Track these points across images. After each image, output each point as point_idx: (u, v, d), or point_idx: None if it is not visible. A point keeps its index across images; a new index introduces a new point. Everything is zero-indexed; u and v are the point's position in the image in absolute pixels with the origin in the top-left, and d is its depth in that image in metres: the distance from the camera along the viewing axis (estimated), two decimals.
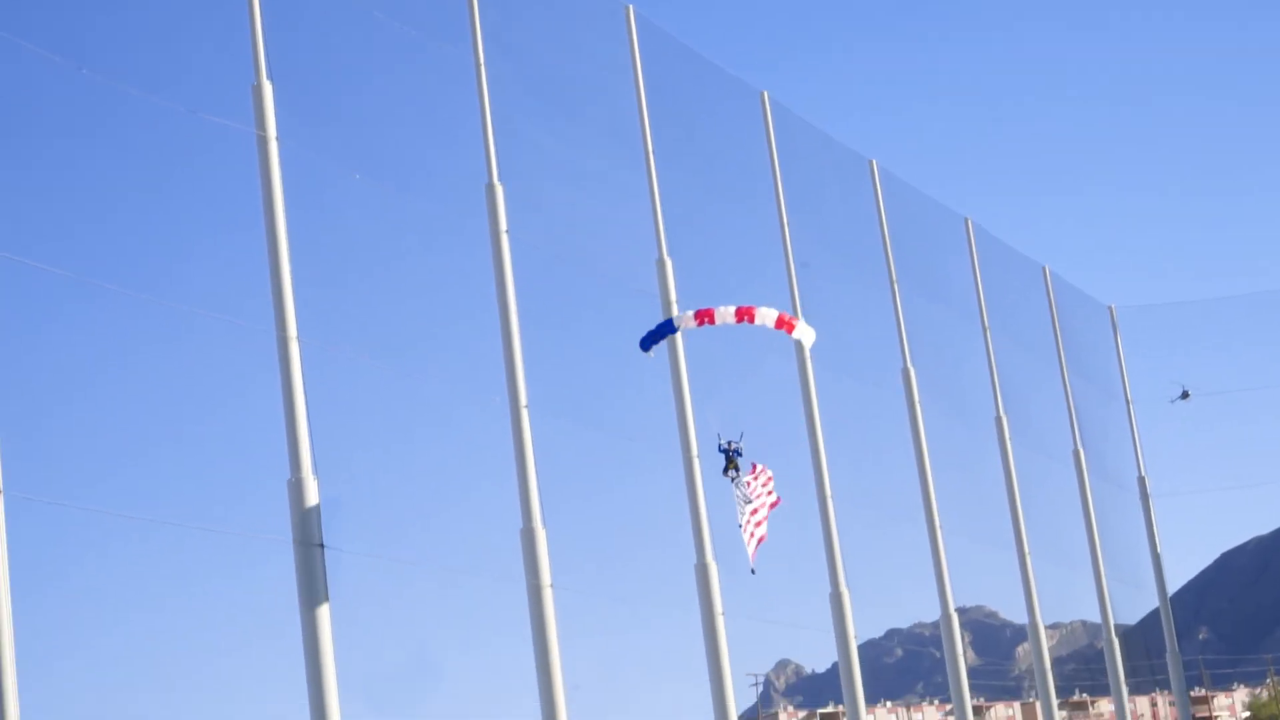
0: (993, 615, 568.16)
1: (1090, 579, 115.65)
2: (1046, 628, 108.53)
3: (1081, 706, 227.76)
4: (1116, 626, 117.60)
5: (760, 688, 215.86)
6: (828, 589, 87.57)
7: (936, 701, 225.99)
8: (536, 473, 72.79)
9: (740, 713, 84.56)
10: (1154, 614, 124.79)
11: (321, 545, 60.01)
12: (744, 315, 37.17)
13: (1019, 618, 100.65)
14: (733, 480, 41.01)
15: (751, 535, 40.65)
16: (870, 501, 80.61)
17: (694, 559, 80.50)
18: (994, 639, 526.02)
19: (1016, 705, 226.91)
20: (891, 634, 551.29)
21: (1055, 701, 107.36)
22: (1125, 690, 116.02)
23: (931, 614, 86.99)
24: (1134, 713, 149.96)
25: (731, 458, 41.00)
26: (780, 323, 37.17)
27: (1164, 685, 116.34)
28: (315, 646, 58.55)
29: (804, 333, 38.25)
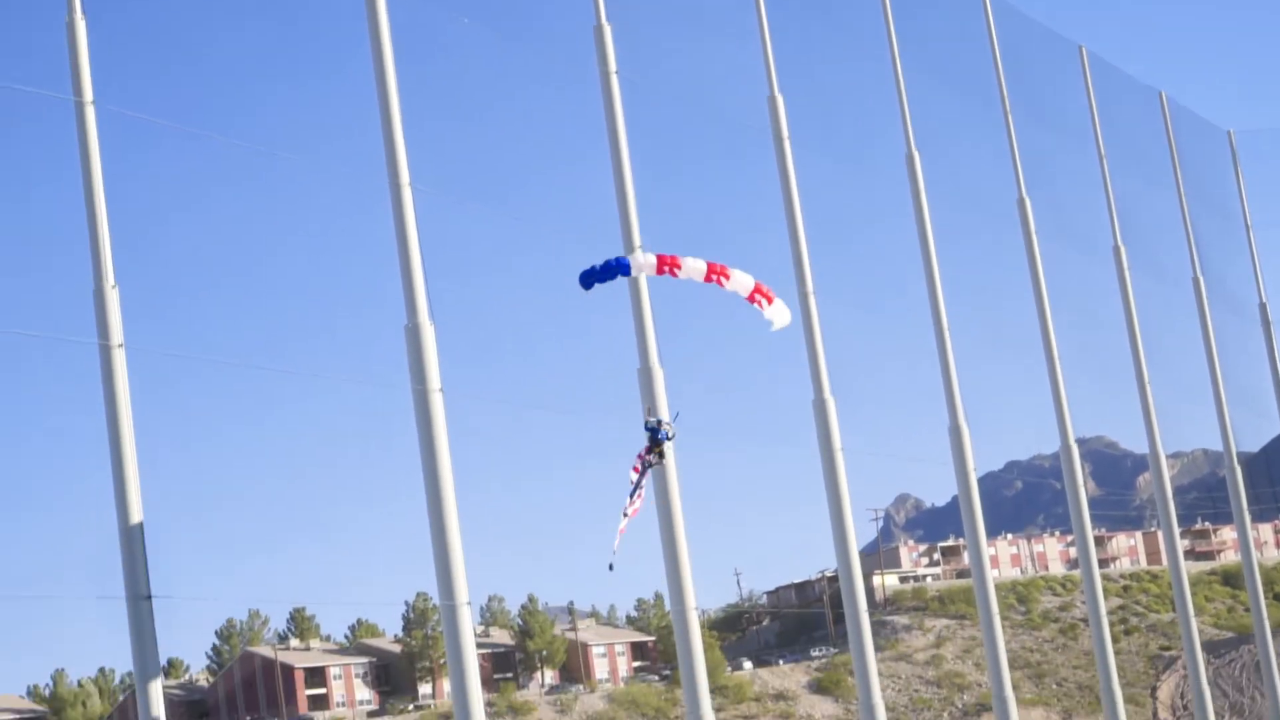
0: (1113, 445, 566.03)
1: (1211, 407, 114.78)
2: (1167, 457, 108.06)
3: (1204, 535, 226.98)
4: (1238, 454, 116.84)
5: (880, 522, 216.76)
6: (947, 423, 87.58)
7: (1057, 533, 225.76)
8: (653, 314, 73.06)
9: (861, 547, 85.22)
10: (1276, 441, 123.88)
11: (440, 390, 60.73)
12: (715, 273, 31.58)
13: (1139, 447, 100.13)
14: (650, 466, 35.57)
15: (621, 531, 35.08)
16: (988, 335, 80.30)
17: (812, 395, 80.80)
18: (1114, 469, 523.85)
19: (1138, 535, 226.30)
20: (1011, 466, 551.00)
21: (1177, 530, 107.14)
22: (1248, 518, 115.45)
23: (1051, 445, 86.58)
24: (1257, 540, 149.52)
25: (659, 440, 35.56)
26: (756, 293, 31.77)
27: None
28: (436, 489, 59.49)
29: (778, 313, 32.46)
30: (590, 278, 31.90)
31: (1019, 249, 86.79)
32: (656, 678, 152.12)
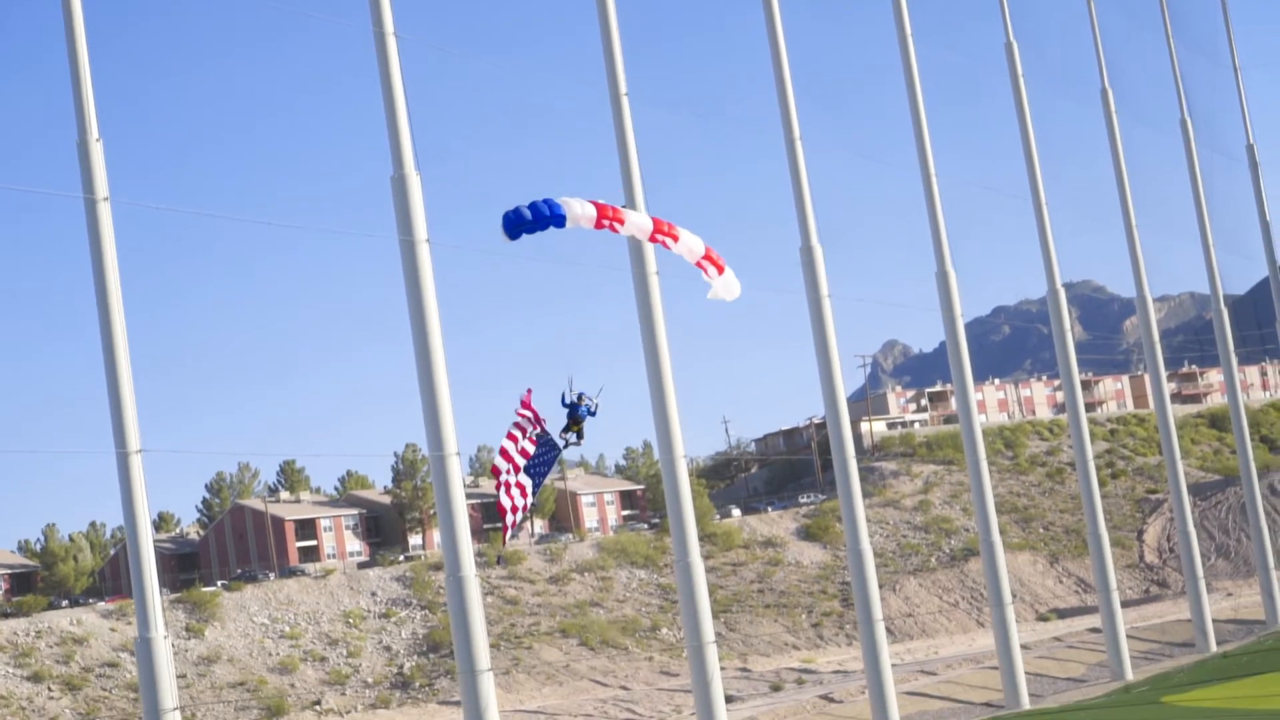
0: (1100, 290, 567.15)
1: (1198, 250, 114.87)
2: (1154, 300, 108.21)
3: (1190, 378, 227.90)
4: (1225, 297, 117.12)
5: (868, 369, 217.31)
6: (934, 269, 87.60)
7: (1044, 378, 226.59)
8: (639, 160, 72.52)
9: (849, 394, 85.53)
10: (1263, 284, 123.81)
11: (427, 240, 60.36)
12: (662, 233, 28.98)
13: (1127, 291, 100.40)
14: (567, 445, 33.66)
15: (515, 509, 32.18)
16: (975, 179, 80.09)
17: (799, 241, 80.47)
18: (1101, 313, 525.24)
19: (1125, 379, 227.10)
20: (998, 311, 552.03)
21: (1164, 374, 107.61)
22: (1234, 360, 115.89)
23: (1038, 290, 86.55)
24: (1243, 382, 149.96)
25: (578, 417, 33.49)
26: (705, 260, 29.14)
27: (1274, 354, 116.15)
28: (424, 339, 59.38)
29: (726, 285, 29.91)
30: (517, 227, 28.68)
31: (1006, 94, 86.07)
32: (645, 526, 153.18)
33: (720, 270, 28.99)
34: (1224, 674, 78.59)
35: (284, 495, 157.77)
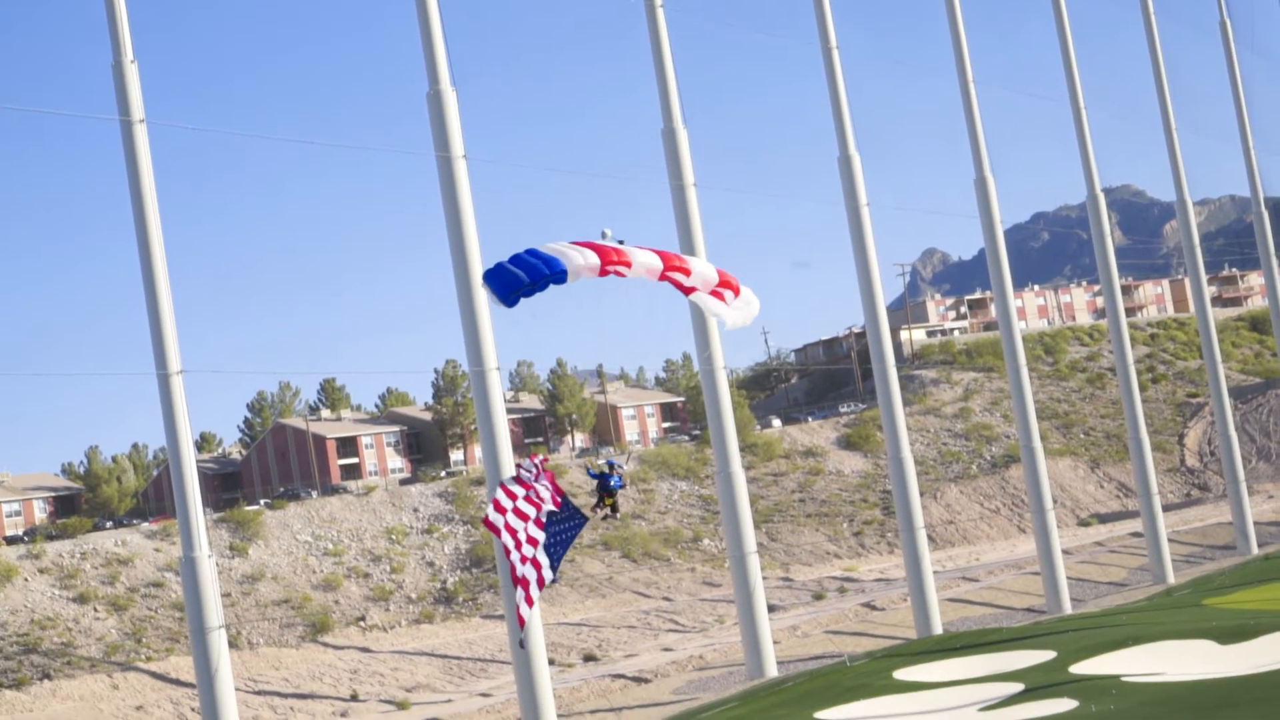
0: (1140, 194, 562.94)
1: (1239, 152, 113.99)
2: (1194, 204, 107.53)
3: (1231, 281, 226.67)
4: (1266, 199, 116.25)
5: (907, 277, 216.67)
6: (973, 175, 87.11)
7: (1084, 283, 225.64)
8: (676, 73, 72.11)
9: (888, 303, 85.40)
10: None
11: (464, 156, 60.21)
12: (673, 266, 26.10)
13: (1166, 195, 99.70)
14: (605, 518, 30.64)
15: (527, 582, 27.44)
16: (1014, 85, 79.40)
17: (837, 152, 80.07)
18: (1141, 218, 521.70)
19: (1165, 283, 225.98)
20: (1037, 218, 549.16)
21: (1204, 277, 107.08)
22: (1275, 263, 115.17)
23: (1078, 195, 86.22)
24: None
25: (610, 489, 30.78)
26: (721, 286, 26.65)
27: None
28: (463, 256, 59.27)
29: (747, 306, 27.55)
30: (514, 292, 25.20)
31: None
32: (686, 438, 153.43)
33: (736, 292, 26.92)
34: (1265, 576, 78.61)
35: (325, 413, 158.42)
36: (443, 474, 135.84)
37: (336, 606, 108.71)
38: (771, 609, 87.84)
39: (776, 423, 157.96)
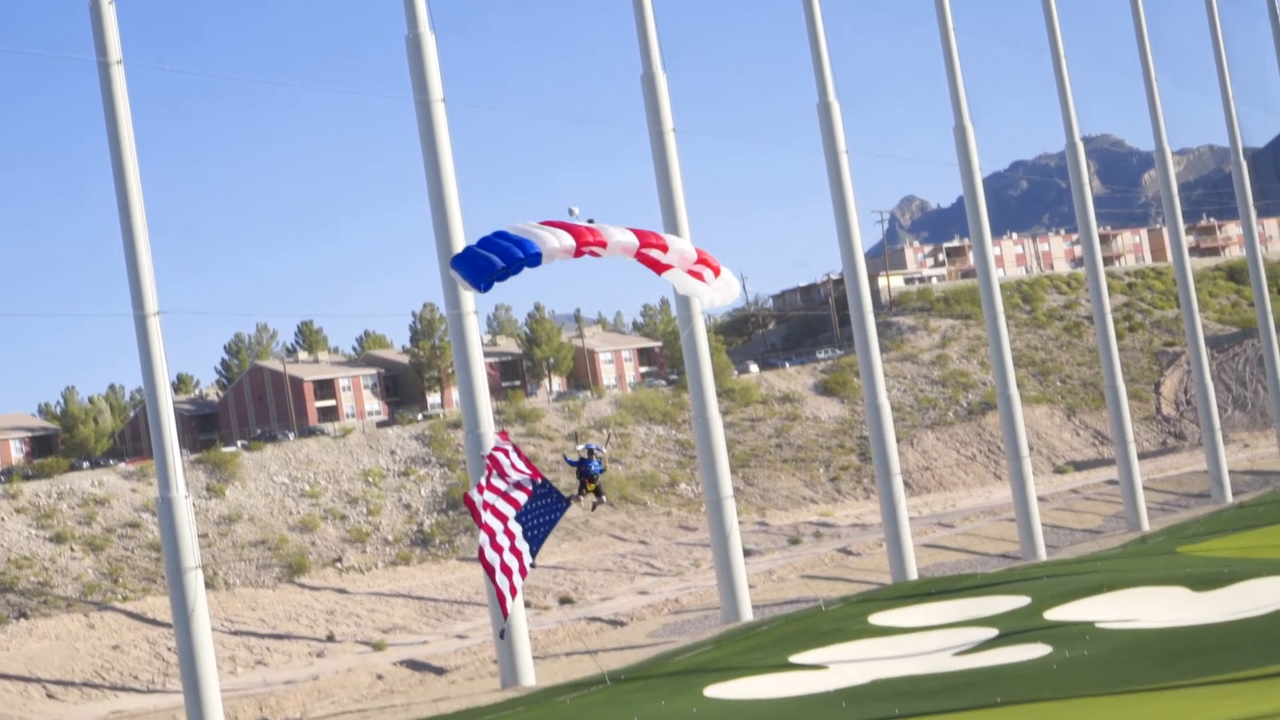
0: (1119, 143, 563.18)
1: (1218, 103, 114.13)
2: (1173, 154, 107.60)
3: (1209, 231, 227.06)
4: (1245, 150, 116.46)
5: (886, 224, 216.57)
6: (952, 124, 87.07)
7: (1062, 232, 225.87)
8: (655, 19, 71.95)
9: (866, 250, 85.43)
10: None
11: (442, 100, 60.02)
12: (649, 244, 25.32)
13: (1145, 145, 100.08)
14: (595, 507, 28.56)
15: (509, 573, 25.98)
16: (994, 33, 79.35)
17: (816, 99, 79.96)
18: (1120, 167, 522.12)
19: (1143, 232, 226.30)
20: (1016, 166, 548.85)
21: (1182, 226, 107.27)
22: (1253, 213, 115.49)
23: (1057, 144, 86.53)
24: (1262, 235, 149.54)
25: (591, 474, 28.23)
26: (699, 264, 25.85)
27: None
28: (441, 198, 59.23)
29: (727, 287, 26.72)
30: (488, 277, 24.38)
31: None
32: (664, 382, 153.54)
33: (717, 272, 26.12)
34: (1239, 524, 79.07)
35: (302, 356, 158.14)
36: (420, 417, 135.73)
37: (313, 548, 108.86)
38: (747, 553, 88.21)
39: (754, 368, 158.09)
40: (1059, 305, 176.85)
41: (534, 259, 24.07)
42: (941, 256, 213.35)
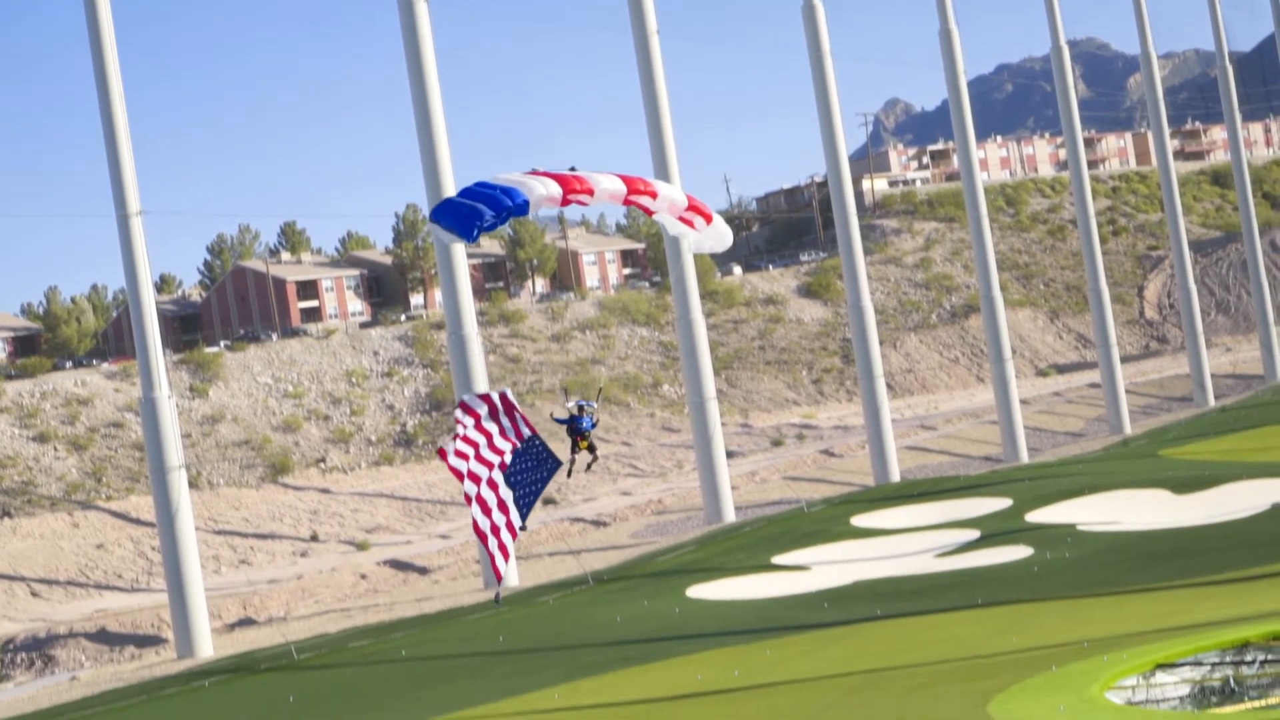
0: (1104, 47, 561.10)
1: (1204, 6, 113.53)
2: (1159, 57, 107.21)
3: (1194, 135, 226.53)
4: (1231, 54, 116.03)
5: (870, 127, 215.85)
6: (937, 26, 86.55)
7: (1047, 135, 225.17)
8: None
9: (850, 153, 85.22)
10: (1269, 40, 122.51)
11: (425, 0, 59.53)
12: (637, 190, 24.91)
13: (1131, 48, 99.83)
14: (589, 467, 27.21)
15: (500, 541, 24.96)
16: None
17: (800, 0, 79.33)
18: (1105, 70, 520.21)
19: (1127, 136, 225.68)
20: (1001, 69, 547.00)
21: (1167, 131, 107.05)
22: (1239, 117, 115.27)
23: (1042, 48, 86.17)
24: (1246, 139, 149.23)
25: (582, 431, 27.07)
26: (690, 211, 25.33)
27: (1278, 111, 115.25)
28: (424, 99, 59.00)
29: (717, 237, 26.08)
30: (476, 226, 23.91)
31: None
32: (647, 284, 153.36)
33: (708, 220, 25.55)
34: (1221, 428, 79.44)
35: (285, 256, 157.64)
36: (403, 318, 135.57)
37: (296, 448, 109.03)
38: (730, 455, 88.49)
39: (737, 270, 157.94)
40: (1043, 209, 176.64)
41: (522, 207, 23.88)
42: (925, 159, 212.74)
